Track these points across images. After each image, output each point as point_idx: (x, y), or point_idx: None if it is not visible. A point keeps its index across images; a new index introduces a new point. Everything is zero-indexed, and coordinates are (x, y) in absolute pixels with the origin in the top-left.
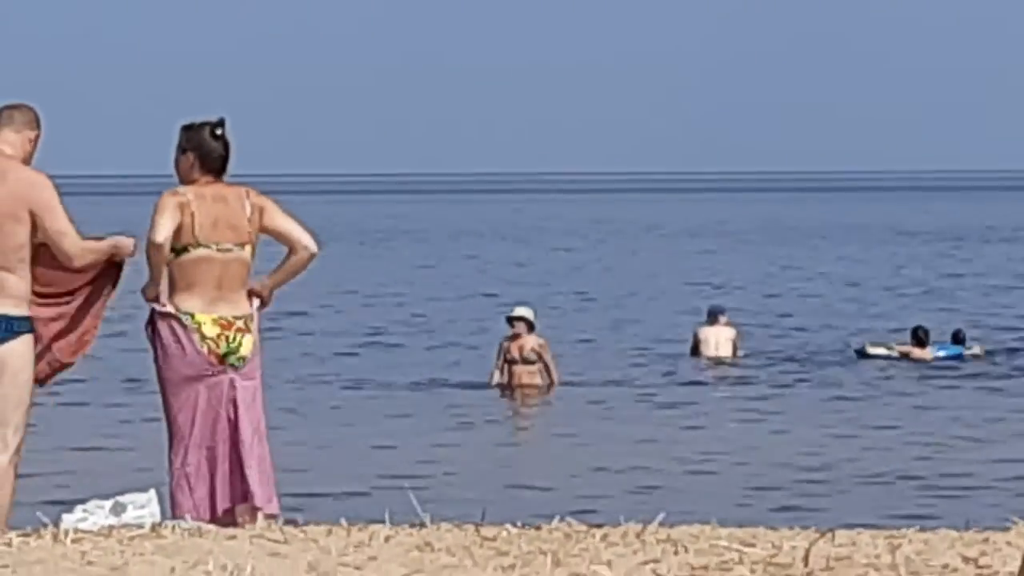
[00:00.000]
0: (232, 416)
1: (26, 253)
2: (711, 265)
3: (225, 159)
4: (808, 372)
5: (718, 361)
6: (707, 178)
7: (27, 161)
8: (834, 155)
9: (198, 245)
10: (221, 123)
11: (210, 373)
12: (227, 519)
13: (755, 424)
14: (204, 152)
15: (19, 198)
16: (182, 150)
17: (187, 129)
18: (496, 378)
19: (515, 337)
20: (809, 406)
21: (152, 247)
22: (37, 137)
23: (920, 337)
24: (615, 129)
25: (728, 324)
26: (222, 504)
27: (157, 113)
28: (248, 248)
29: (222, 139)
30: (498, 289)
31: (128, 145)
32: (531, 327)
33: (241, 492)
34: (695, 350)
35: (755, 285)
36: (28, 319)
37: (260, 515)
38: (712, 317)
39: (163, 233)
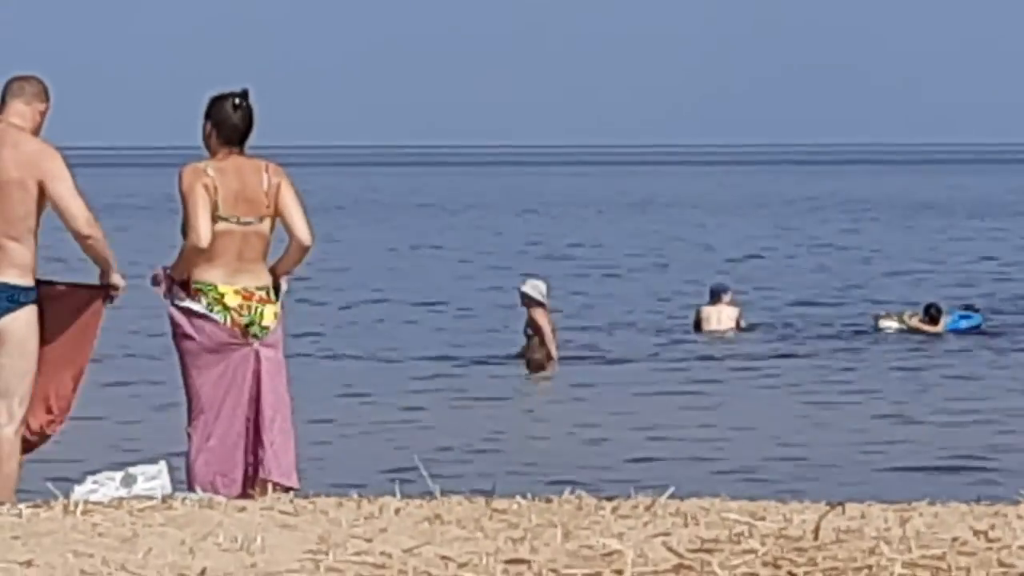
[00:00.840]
0: (255, 390)
1: (33, 223)
2: (731, 237)
3: (242, 131)
4: (815, 345)
5: (721, 336)
6: (747, 150)
7: (36, 132)
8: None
9: (219, 219)
10: (243, 94)
11: (233, 346)
12: (245, 494)
13: (760, 398)
14: (220, 122)
15: (27, 167)
16: (204, 120)
17: (212, 101)
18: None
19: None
20: (813, 380)
21: (194, 251)
22: (46, 109)
23: (932, 315)
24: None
25: (731, 303)
26: (241, 478)
27: (177, 86)
28: (267, 221)
29: (242, 110)
30: (512, 262)
31: (146, 117)
32: (531, 301)
33: (261, 466)
34: (697, 326)
35: (770, 256)
36: (33, 289)
37: (277, 488)
38: (715, 296)
39: (206, 235)
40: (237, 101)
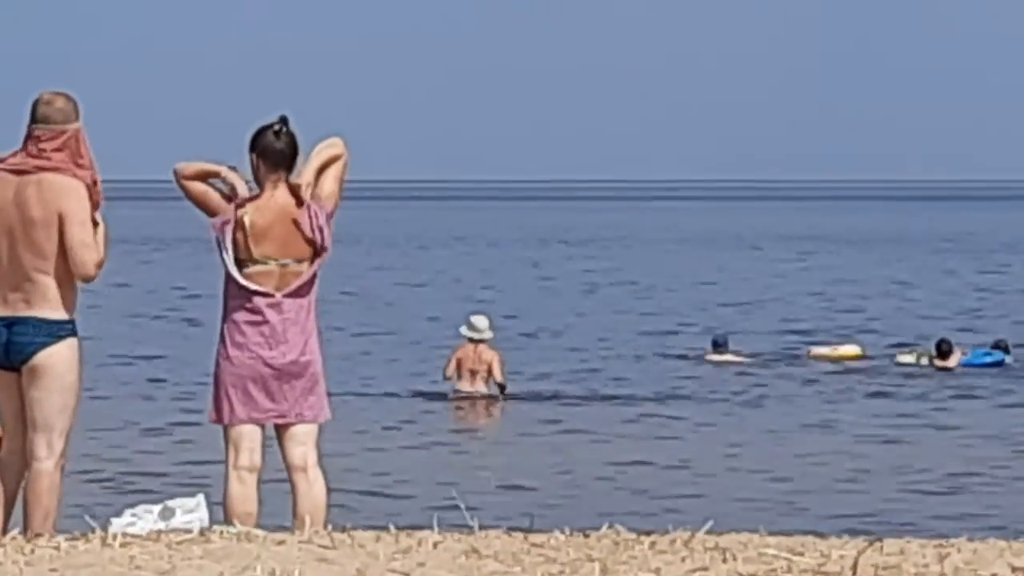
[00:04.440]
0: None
1: (65, 257)
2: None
3: (287, 155)
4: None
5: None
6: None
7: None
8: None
9: (254, 262)
10: (282, 120)
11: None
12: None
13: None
14: (263, 149)
15: (50, 205)
16: (249, 154)
17: (254, 133)
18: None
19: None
20: (807, 413)
21: (175, 177)
22: (77, 131)
23: (943, 350)
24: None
25: (735, 353)
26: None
27: (225, 116)
28: (304, 264)
29: (283, 136)
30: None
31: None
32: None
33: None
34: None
35: (791, 288)
36: (70, 322)
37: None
38: (717, 348)
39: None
40: (277, 127)
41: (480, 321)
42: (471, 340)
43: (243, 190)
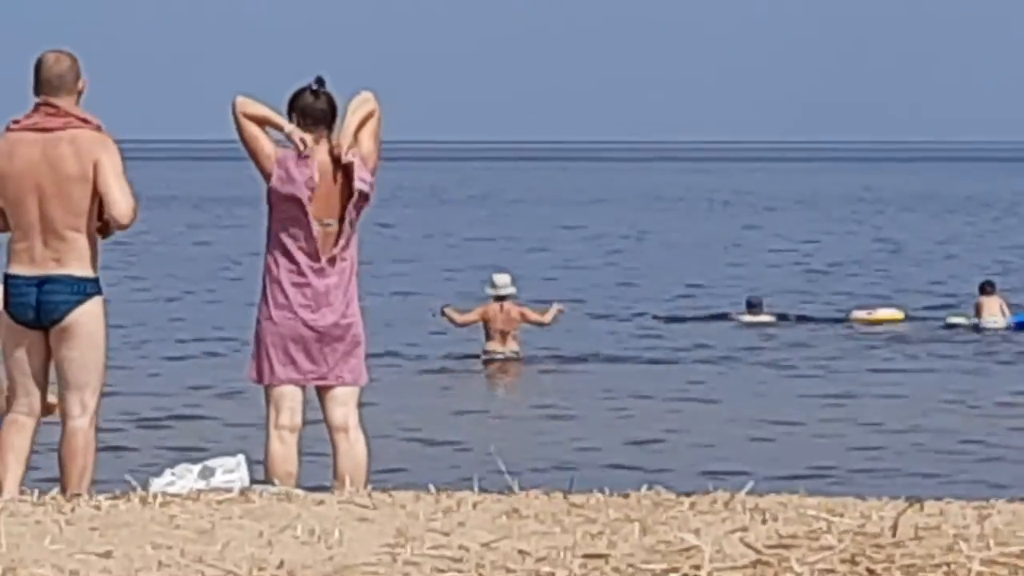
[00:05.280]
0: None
1: (95, 213)
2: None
3: (328, 113)
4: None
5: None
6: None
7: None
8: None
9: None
10: (318, 80)
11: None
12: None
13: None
14: (303, 109)
15: (85, 159)
16: (288, 116)
17: (292, 96)
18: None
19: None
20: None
21: (234, 110)
22: (84, 86)
23: (987, 290)
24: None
25: (768, 314)
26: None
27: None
28: (344, 224)
29: (321, 95)
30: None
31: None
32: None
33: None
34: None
35: (832, 249)
36: (97, 280)
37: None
38: (752, 308)
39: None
40: (315, 87)
41: (501, 278)
42: (496, 298)
43: (303, 150)
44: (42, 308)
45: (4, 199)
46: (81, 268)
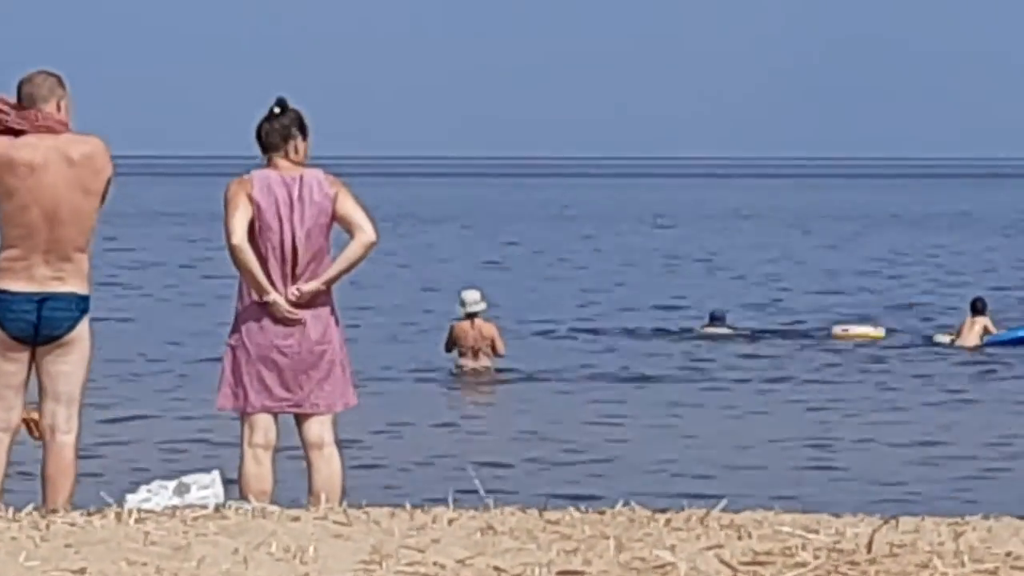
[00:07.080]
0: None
1: (95, 230)
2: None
3: (287, 125)
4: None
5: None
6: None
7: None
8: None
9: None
10: (277, 102)
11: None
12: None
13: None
14: (262, 139)
15: (99, 174)
16: (263, 154)
17: (256, 132)
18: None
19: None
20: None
21: (231, 251)
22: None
23: (978, 308)
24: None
25: (731, 327)
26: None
27: (242, 98)
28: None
29: (279, 117)
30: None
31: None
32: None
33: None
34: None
35: (806, 270)
36: (89, 298)
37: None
38: (713, 321)
39: (238, 234)
40: (275, 110)
41: (471, 295)
42: (467, 315)
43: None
44: (43, 324)
45: (9, 213)
46: (82, 286)
